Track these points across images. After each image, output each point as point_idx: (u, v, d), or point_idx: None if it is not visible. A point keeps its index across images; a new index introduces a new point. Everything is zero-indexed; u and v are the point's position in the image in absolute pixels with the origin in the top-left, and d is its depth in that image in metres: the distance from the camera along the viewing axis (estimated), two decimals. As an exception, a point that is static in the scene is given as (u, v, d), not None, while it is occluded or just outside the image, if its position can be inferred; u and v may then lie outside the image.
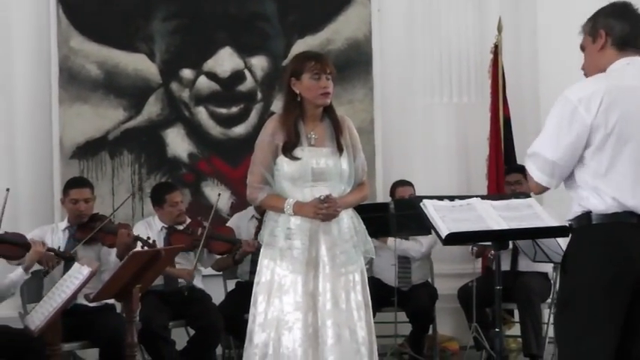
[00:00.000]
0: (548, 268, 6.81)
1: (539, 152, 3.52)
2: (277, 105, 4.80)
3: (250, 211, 6.83)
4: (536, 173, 3.54)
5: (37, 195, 7.39)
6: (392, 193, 7.35)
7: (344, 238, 4.53)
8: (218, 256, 6.67)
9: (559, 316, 3.62)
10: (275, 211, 4.56)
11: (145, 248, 5.88)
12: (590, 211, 3.45)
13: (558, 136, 3.46)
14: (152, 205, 6.74)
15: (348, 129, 4.63)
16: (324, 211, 4.42)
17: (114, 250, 6.02)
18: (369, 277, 6.85)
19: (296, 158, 4.49)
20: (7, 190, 5.70)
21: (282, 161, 4.51)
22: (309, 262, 4.46)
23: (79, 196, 6.05)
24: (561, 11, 7.72)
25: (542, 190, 3.60)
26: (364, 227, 4.68)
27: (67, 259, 5.70)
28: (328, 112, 4.62)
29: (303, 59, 4.61)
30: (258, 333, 4.48)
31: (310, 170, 4.49)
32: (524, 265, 6.83)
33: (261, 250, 4.60)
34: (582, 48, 3.68)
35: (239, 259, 6.62)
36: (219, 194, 7.06)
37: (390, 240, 6.98)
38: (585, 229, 3.49)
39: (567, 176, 3.55)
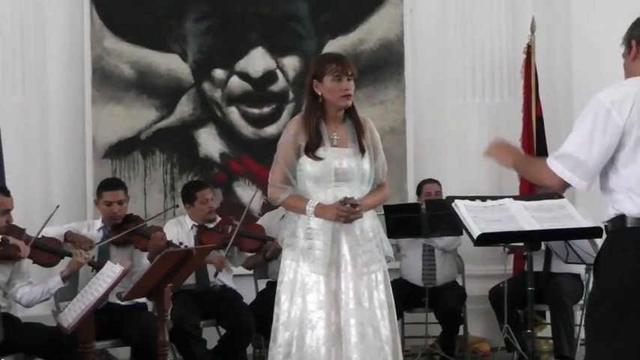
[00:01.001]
0: (580, 269, 6.76)
1: (571, 154, 3.49)
2: (309, 105, 4.91)
3: (281, 210, 6.78)
4: (567, 174, 3.50)
5: (69, 194, 7.44)
6: (418, 190, 7.35)
7: (366, 237, 4.52)
8: (248, 254, 6.69)
9: (589, 317, 3.60)
10: (296, 212, 4.56)
11: None
12: (624, 215, 3.42)
13: (592, 139, 3.43)
14: (183, 203, 6.76)
15: (370, 130, 4.63)
16: (344, 213, 4.41)
17: (146, 253, 6.06)
18: (397, 279, 6.88)
19: (319, 158, 4.49)
20: (57, 207, 5.73)
21: (305, 161, 4.51)
22: (330, 262, 4.46)
23: (112, 199, 6.07)
24: (595, 11, 7.67)
25: (565, 187, 3.57)
26: (382, 229, 4.69)
27: (99, 269, 5.73)
28: (350, 113, 4.62)
29: (324, 61, 4.61)
30: (281, 332, 4.49)
31: (333, 170, 4.49)
32: (557, 266, 6.78)
33: (283, 250, 4.61)
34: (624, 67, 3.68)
35: (270, 257, 6.63)
36: (255, 192, 7.06)
37: None
38: (619, 232, 3.46)
39: (602, 179, 3.53)
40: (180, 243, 6.06)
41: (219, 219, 6.68)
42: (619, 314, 3.36)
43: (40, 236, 5.64)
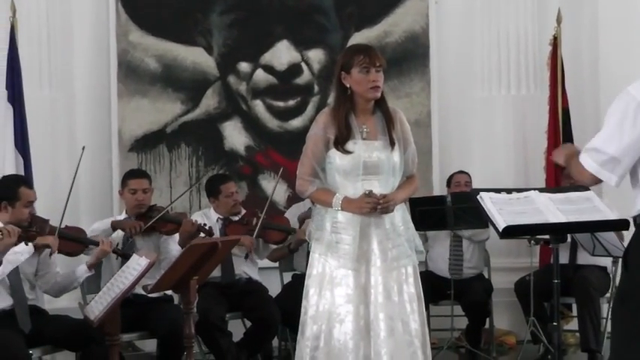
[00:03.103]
0: (607, 262, 6.73)
1: (600, 148, 3.43)
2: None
3: (308, 202, 6.83)
4: (595, 168, 3.44)
5: (96, 187, 7.49)
6: (448, 182, 7.36)
7: (397, 231, 4.50)
8: (273, 246, 6.70)
9: (616, 311, 3.56)
10: (323, 205, 4.55)
11: (202, 235, 5.97)
12: None
13: (621, 133, 3.37)
14: (207, 196, 6.79)
15: (400, 121, 4.59)
16: (369, 205, 4.39)
17: (173, 239, 6.10)
18: (423, 271, 6.88)
19: (348, 152, 4.47)
20: (83, 148, 5.81)
21: (335, 154, 4.49)
22: (360, 257, 4.44)
23: (137, 186, 6.13)
24: (623, 3, 7.63)
25: (597, 182, 3.52)
26: (411, 222, 4.66)
27: (124, 257, 5.75)
28: (380, 105, 4.57)
29: (352, 53, 4.57)
30: (309, 325, 4.49)
31: (362, 163, 4.46)
32: (583, 258, 6.75)
33: (312, 244, 4.60)
34: None
35: (294, 248, 6.64)
36: (277, 181, 7.01)
37: None
38: None
39: (632, 173, 3.48)
40: (205, 224, 6.10)
41: (244, 212, 6.70)
42: None
43: (63, 226, 5.69)
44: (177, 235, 6.14)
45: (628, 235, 3.65)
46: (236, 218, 6.63)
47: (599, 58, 7.83)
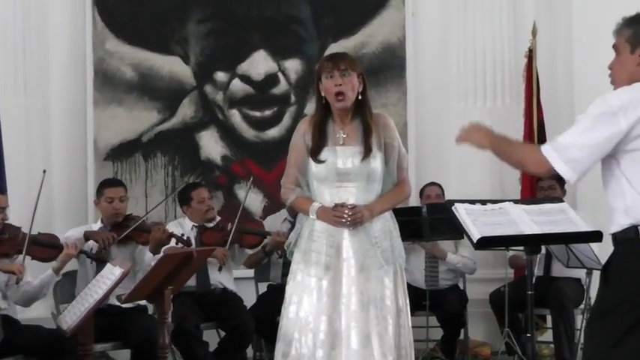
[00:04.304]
0: (581, 273, 6.75)
1: (569, 148, 3.43)
2: (311, 108, 4.85)
3: (284, 213, 6.85)
4: (560, 165, 3.45)
5: (71, 196, 7.46)
6: (421, 193, 7.37)
7: (371, 242, 4.47)
8: (249, 251, 6.69)
9: (595, 325, 3.54)
10: (303, 214, 4.57)
11: (180, 245, 5.95)
12: (638, 225, 3.39)
13: (590, 137, 3.39)
14: (180, 206, 6.80)
15: (384, 126, 4.55)
16: (336, 218, 4.39)
17: (148, 249, 6.06)
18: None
19: (320, 161, 4.47)
20: (44, 171, 5.75)
21: (311, 162, 4.51)
22: (332, 266, 4.43)
23: (114, 195, 6.10)
24: (597, 15, 7.66)
25: (551, 174, 3.55)
26: (398, 232, 4.62)
27: (99, 261, 5.73)
28: (361, 111, 4.54)
29: (321, 61, 4.60)
30: (283, 332, 4.49)
31: (335, 170, 4.46)
32: (558, 270, 6.78)
33: (293, 251, 4.59)
34: (615, 49, 3.62)
35: (270, 250, 6.63)
36: (249, 186, 6.95)
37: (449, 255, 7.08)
38: (632, 241, 3.41)
39: (614, 186, 3.49)
40: (182, 234, 6.08)
41: (219, 219, 6.69)
42: (629, 324, 3.33)
43: (36, 232, 5.65)
44: None
45: (599, 247, 3.66)
46: (211, 225, 6.63)
47: (574, 70, 7.86)
